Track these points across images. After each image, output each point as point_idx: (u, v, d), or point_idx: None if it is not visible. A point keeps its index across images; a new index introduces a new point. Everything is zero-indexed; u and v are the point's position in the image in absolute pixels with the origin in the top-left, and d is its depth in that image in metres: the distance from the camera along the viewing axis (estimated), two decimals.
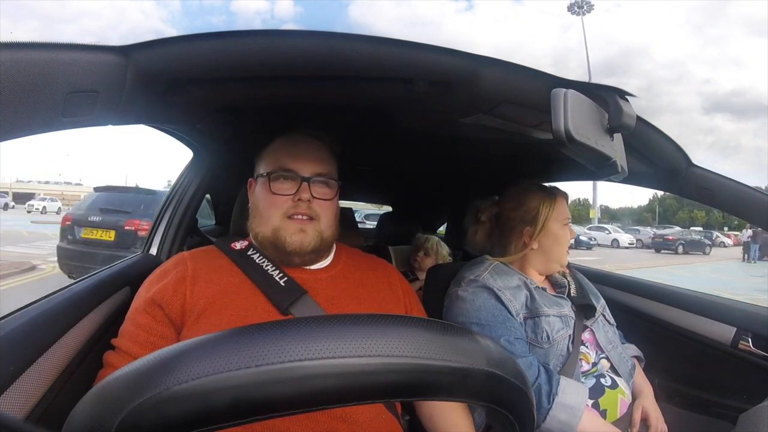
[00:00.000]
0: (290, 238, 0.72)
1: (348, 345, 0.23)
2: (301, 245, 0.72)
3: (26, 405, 0.54)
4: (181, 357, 0.22)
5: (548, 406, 0.76)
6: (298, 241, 0.72)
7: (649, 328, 1.17)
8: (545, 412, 0.76)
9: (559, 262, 0.99)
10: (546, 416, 0.75)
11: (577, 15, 26.39)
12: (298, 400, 0.22)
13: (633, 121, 0.56)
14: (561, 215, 0.98)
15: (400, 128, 0.89)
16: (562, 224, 0.98)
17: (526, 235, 0.98)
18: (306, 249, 0.72)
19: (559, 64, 79.97)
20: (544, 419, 0.75)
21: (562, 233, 0.97)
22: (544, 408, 0.76)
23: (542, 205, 0.97)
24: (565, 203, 1.00)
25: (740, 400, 0.98)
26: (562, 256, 0.98)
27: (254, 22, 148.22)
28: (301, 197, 0.72)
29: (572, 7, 26.66)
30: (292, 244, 0.72)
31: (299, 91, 0.66)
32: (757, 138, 70.45)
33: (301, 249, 0.72)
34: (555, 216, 0.97)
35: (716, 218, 44.36)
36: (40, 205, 23.50)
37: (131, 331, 0.66)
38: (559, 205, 0.98)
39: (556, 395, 0.76)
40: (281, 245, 0.72)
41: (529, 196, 0.99)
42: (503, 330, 0.85)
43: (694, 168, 0.91)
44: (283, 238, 0.72)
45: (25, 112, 0.38)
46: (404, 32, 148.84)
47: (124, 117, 0.53)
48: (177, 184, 1.25)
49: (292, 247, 0.72)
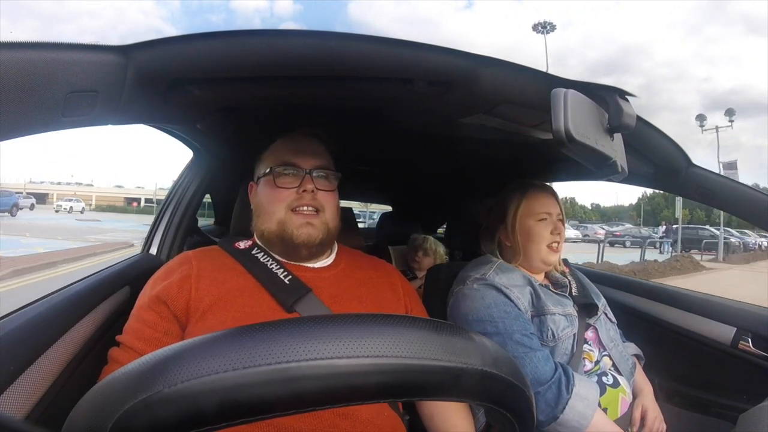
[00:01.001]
0: (297, 231, 0.72)
1: (335, 346, 0.23)
2: (309, 237, 0.73)
3: (26, 405, 0.54)
4: (167, 362, 0.22)
5: (568, 396, 0.76)
6: (305, 234, 0.73)
7: (649, 328, 1.17)
8: (565, 402, 0.76)
9: (541, 260, 0.95)
10: (566, 406, 0.75)
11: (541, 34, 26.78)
12: (286, 402, 0.22)
13: (633, 121, 0.56)
14: (533, 210, 0.96)
15: (400, 128, 0.89)
16: (535, 220, 0.95)
17: (501, 234, 0.99)
18: (314, 241, 0.73)
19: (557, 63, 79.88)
20: (563, 409, 0.75)
21: (536, 230, 0.95)
22: (564, 397, 0.76)
23: (510, 201, 0.98)
24: (543, 198, 0.97)
25: (740, 400, 0.98)
26: (540, 252, 0.94)
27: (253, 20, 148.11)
28: (306, 188, 0.74)
29: (536, 26, 27.02)
30: (300, 236, 0.72)
31: (299, 91, 0.66)
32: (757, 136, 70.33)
33: (309, 241, 0.73)
34: (526, 212, 0.96)
35: (699, 216, 45.35)
36: (68, 206, 24.97)
37: (136, 328, 0.66)
38: (532, 200, 0.96)
39: (575, 385, 0.77)
40: (288, 238, 0.73)
41: (502, 194, 1.01)
42: (518, 325, 0.84)
43: (694, 168, 0.91)
44: (290, 231, 0.73)
45: (25, 111, 0.38)
46: (404, 31, 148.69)
47: (124, 117, 0.53)
48: (177, 184, 1.25)
49: (301, 239, 0.72)
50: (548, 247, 0.94)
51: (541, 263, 0.96)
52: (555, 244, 0.95)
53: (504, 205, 0.99)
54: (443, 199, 2.18)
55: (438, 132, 0.91)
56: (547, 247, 0.94)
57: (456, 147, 1.11)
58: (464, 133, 0.87)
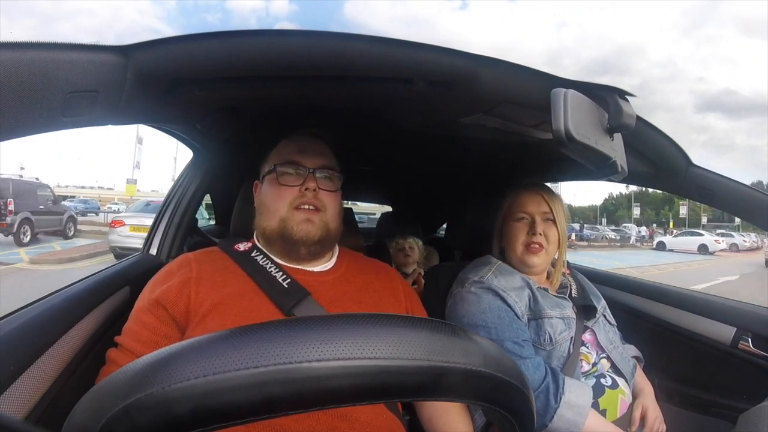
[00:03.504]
0: (297, 227, 0.73)
1: (305, 349, 0.22)
2: (308, 234, 0.73)
3: (26, 405, 0.54)
4: (146, 369, 0.22)
5: (556, 405, 0.76)
6: (304, 230, 0.73)
7: (649, 328, 1.17)
8: (553, 411, 0.75)
9: (518, 259, 0.93)
10: (554, 415, 0.75)
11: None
12: (257, 407, 0.22)
13: (633, 121, 0.56)
14: (512, 210, 0.95)
15: (400, 128, 0.89)
16: (513, 220, 0.94)
17: (496, 236, 1.01)
18: (312, 238, 0.73)
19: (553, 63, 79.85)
20: (552, 418, 0.75)
21: (511, 230, 0.94)
22: (552, 407, 0.76)
23: (500, 204, 0.99)
24: (526, 197, 0.95)
25: (740, 400, 0.98)
26: (516, 252, 0.93)
27: (249, 20, 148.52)
28: (308, 187, 0.74)
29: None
30: (299, 232, 0.73)
31: (299, 91, 0.66)
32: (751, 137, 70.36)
33: (308, 238, 0.73)
34: (509, 213, 0.96)
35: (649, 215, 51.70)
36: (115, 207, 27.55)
37: (135, 330, 0.66)
38: (514, 200, 0.96)
39: (563, 394, 0.76)
40: (288, 235, 0.73)
41: (496, 197, 1.02)
42: (510, 332, 0.84)
43: (694, 168, 0.91)
44: (290, 228, 0.73)
45: (25, 111, 0.38)
46: (400, 31, 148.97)
47: (124, 117, 0.53)
48: (177, 184, 1.25)
49: (299, 235, 0.73)
50: (525, 247, 0.92)
51: (520, 264, 0.94)
52: (534, 245, 0.91)
53: (495, 207, 1.01)
54: (443, 199, 2.18)
55: (438, 132, 0.91)
56: (524, 247, 0.92)
57: (456, 147, 1.11)
58: (464, 133, 0.87)
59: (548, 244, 0.92)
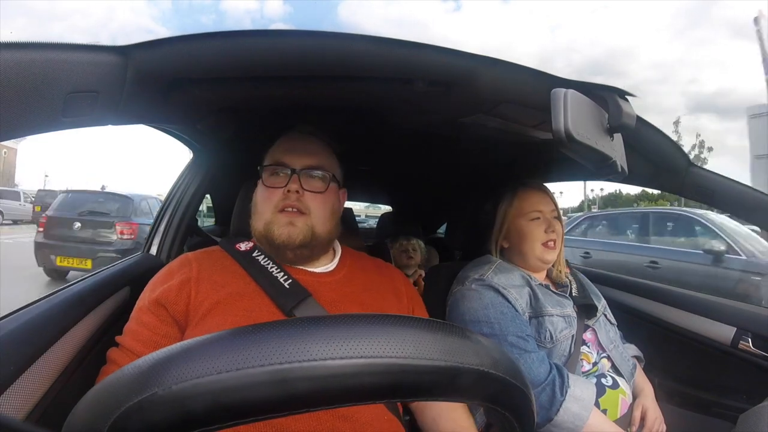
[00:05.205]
0: (278, 231, 0.71)
1: (327, 347, 0.22)
2: (289, 238, 0.71)
3: (26, 405, 0.53)
4: (161, 364, 0.22)
5: (562, 398, 0.76)
6: (285, 234, 0.71)
7: (649, 328, 1.17)
8: (559, 404, 0.75)
9: (537, 258, 0.95)
10: (560, 408, 0.75)
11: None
12: (278, 404, 0.22)
13: (633, 121, 0.56)
14: (524, 210, 0.97)
15: (400, 128, 0.89)
16: (528, 219, 0.96)
17: (496, 235, 1.01)
18: (294, 242, 0.71)
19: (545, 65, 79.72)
20: (557, 411, 0.75)
21: (528, 229, 0.95)
22: (558, 400, 0.76)
23: (502, 203, 0.99)
24: (534, 196, 0.97)
25: (740, 400, 0.98)
26: (534, 251, 0.95)
27: (244, 22, 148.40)
28: (290, 188, 0.72)
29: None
30: (280, 236, 0.71)
31: (299, 91, 0.66)
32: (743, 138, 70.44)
33: (289, 242, 0.71)
34: (518, 212, 0.97)
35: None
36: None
37: (135, 330, 0.66)
38: (522, 200, 0.97)
39: (569, 387, 0.77)
40: (271, 238, 0.72)
41: (494, 197, 1.02)
42: (513, 327, 0.84)
43: (694, 168, 0.91)
44: (272, 231, 0.72)
45: (25, 111, 0.38)
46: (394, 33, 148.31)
47: (124, 117, 0.53)
48: (177, 184, 1.25)
49: (281, 239, 0.71)
50: (543, 245, 0.95)
51: (539, 262, 0.96)
52: (551, 242, 0.95)
53: (496, 207, 1.01)
54: (443, 199, 2.18)
55: (438, 132, 0.91)
56: (543, 246, 0.95)
57: (456, 147, 1.11)
58: (464, 133, 0.87)
59: (558, 239, 0.97)
